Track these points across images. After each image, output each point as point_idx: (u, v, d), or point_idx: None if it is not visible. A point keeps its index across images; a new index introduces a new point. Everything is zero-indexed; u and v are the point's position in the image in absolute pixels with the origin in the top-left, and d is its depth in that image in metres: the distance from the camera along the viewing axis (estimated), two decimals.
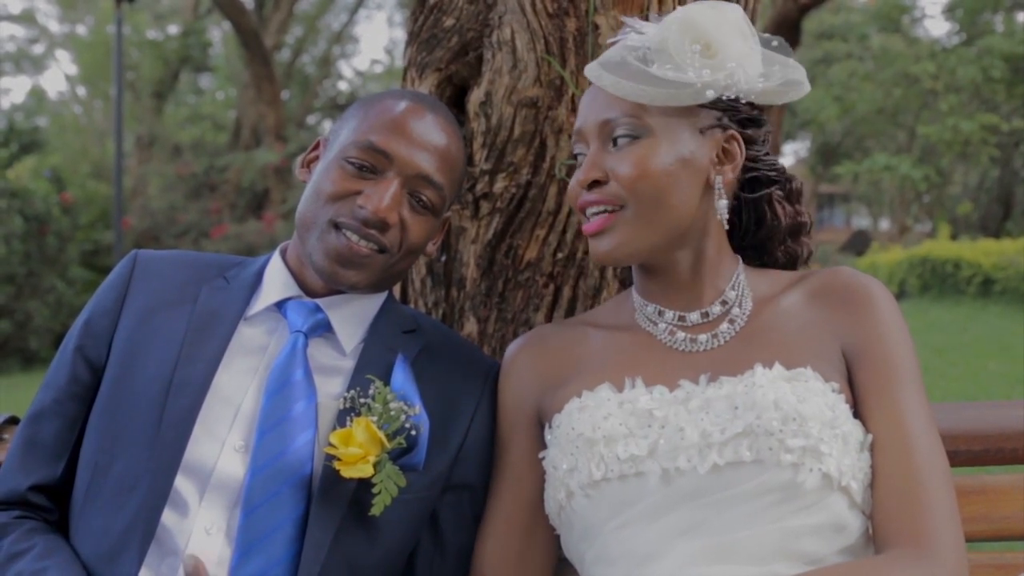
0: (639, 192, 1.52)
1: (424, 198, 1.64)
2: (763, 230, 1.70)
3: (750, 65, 1.56)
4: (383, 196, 1.59)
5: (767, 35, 1.64)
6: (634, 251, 1.55)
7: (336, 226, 1.61)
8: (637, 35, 1.58)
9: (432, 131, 1.66)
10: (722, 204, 1.56)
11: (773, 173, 1.66)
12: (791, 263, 1.73)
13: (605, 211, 1.54)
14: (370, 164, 1.62)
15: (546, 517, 1.59)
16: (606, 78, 1.55)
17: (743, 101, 1.57)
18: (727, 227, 1.60)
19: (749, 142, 1.60)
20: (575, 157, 1.63)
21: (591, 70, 1.58)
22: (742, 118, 1.59)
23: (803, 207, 1.72)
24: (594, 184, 1.55)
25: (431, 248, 1.75)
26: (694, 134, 1.55)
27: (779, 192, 1.69)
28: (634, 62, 1.54)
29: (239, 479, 1.50)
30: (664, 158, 1.52)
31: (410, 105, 1.68)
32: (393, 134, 1.63)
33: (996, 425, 1.79)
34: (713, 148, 1.56)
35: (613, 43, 1.61)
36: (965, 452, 1.77)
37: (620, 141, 1.54)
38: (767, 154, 1.65)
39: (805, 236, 1.73)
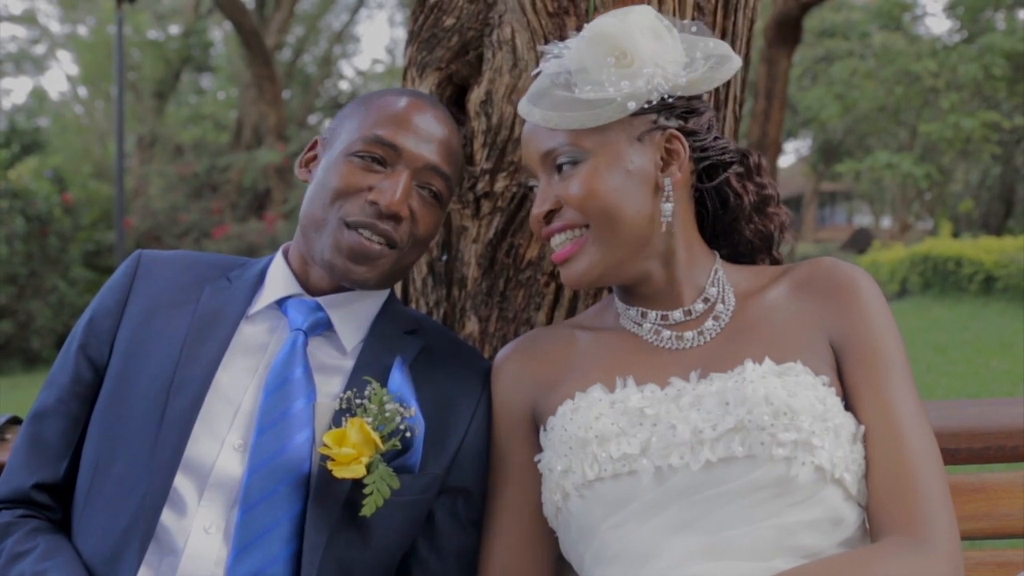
0: (591, 212, 1.53)
1: (434, 188, 1.66)
2: (728, 212, 1.69)
3: (670, 61, 1.56)
4: (395, 189, 1.60)
5: (684, 21, 1.64)
6: (604, 271, 1.56)
7: (348, 225, 1.61)
8: (556, 59, 1.59)
9: (434, 124, 1.68)
10: (667, 207, 1.56)
11: (726, 156, 1.65)
12: (765, 241, 1.72)
13: (572, 236, 1.56)
14: (379, 156, 1.63)
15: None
16: (535, 113, 1.57)
17: (672, 98, 1.56)
18: (665, 228, 1.57)
19: (692, 134, 1.60)
20: (531, 189, 1.65)
21: (522, 107, 1.61)
22: (680, 113, 1.59)
23: (766, 179, 1.72)
24: (550, 214, 1.57)
25: (432, 241, 1.76)
26: (632, 144, 1.55)
27: (738, 170, 1.68)
28: (557, 90, 1.56)
29: (238, 478, 1.50)
30: (608, 175, 1.53)
31: (411, 101, 1.70)
32: (399, 128, 1.64)
33: (997, 423, 1.79)
34: (656, 152, 1.56)
35: (538, 74, 1.63)
36: (966, 450, 1.77)
37: (564, 168, 1.56)
38: (716, 138, 1.64)
39: (774, 208, 1.72)
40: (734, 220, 1.70)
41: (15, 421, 1.94)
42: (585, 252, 1.55)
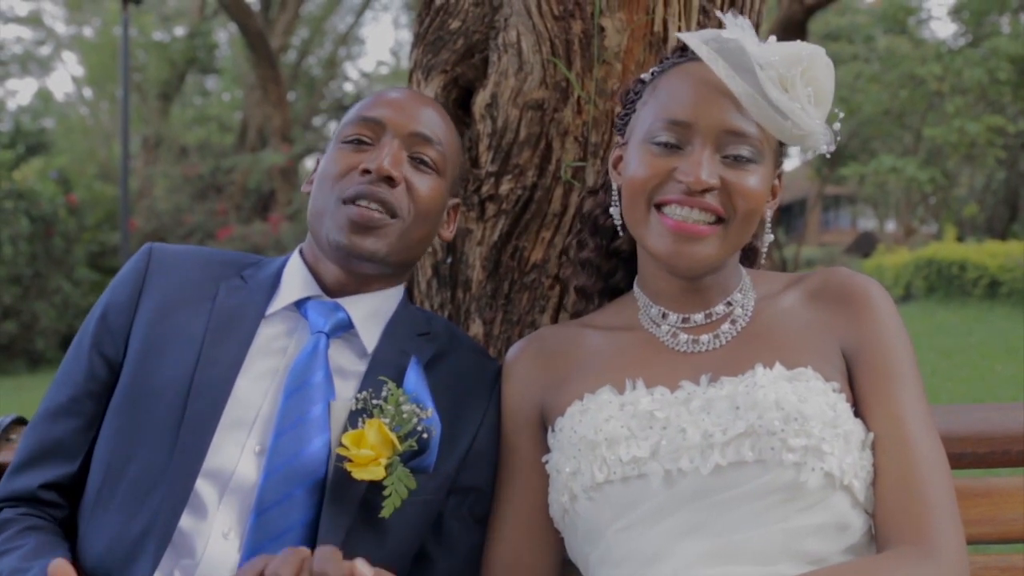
0: (745, 214, 1.51)
1: (425, 157, 1.68)
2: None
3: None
4: (384, 155, 1.63)
5: None
6: (710, 265, 1.54)
7: (345, 201, 1.63)
8: (754, 46, 1.51)
9: (418, 99, 1.75)
10: (769, 238, 1.61)
11: None
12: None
13: (707, 219, 1.50)
14: (367, 136, 1.67)
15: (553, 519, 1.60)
16: (739, 84, 1.48)
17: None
18: (764, 260, 1.65)
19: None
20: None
21: (715, 62, 1.49)
22: (783, 156, 1.62)
23: None
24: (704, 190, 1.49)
25: (447, 234, 1.78)
26: (772, 167, 1.56)
27: None
28: (762, 79, 1.48)
29: (256, 483, 1.50)
30: (764, 186, 1.53)
31: (395, 88, 1.76)
32: (383, 106, 1.69)
33: (1002, 427, 1.78)
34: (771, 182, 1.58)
35: (729, 39, 1.52)
36: (971, 454, 1.77)
37: (739, 158, 1.50)
38: None
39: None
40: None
41: (20, 422, 1.94)
42: (711, 241, 1.50)
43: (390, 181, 1.62)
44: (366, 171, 1.62)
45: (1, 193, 14.54)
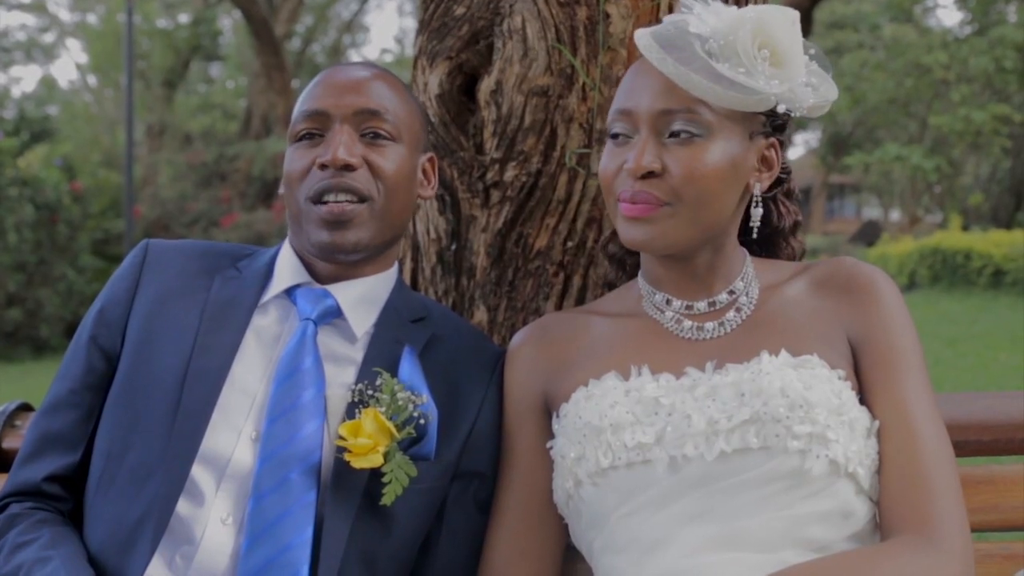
0: (690, 193, 1.49)
1: (379, 131, 1.65)
2: (769, 228, 1.72)
3: (803, 79, 1.54)
4: (336, 145, 1.61)
5: (805, 41, 1.60)
6: (670, 244, 1.53)
7: (313, 201, 1.62)
8: (698, 21, 1.52)
9: (353, 71, 1.70)
10: (757, 212, 1.58)
11: (784, 175, 1.68)
12: (793, 259, 1.76)
13: (652, 203, 1.50)
14: (315, 129, 1.65)
15: (556, 506, 1.60)
16: (668, 64, 1.48)
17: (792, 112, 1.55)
18: (756, 235, 1.62)
19: (781, 147, 1.61)
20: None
21: (650, 49, 1.50)
22: (779, 124, 1.59)
23: (798, 205, 1.78)
24: (646, 175, 1.50)
25: (428, 192, 1.76)
26: (744, 139, 1.53)
27: (781, 191, 1.72)
28: (700, 53, 1.48)
29: (252, 469, 1.51)
30: (718, 160, 1.50)
31: (331, 68, 1.72)
32: (320, 94, 1.66)
33: (1006, 415, 1.79)
34: (756, 154, 1.55)
35: (674, 22, 1.53)
36: (975, 442, 1.77)
37: (679, 135, 1.50)
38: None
39: (801, 234, 1.77)
40: (773, 236, 1.74)
41: (25, 408, 1.95)
42: (659, 223, 1.50)
43: (349, 168, 1.61)
44: (323, 165, 1.61)
45: (5, 180, 14.51)
